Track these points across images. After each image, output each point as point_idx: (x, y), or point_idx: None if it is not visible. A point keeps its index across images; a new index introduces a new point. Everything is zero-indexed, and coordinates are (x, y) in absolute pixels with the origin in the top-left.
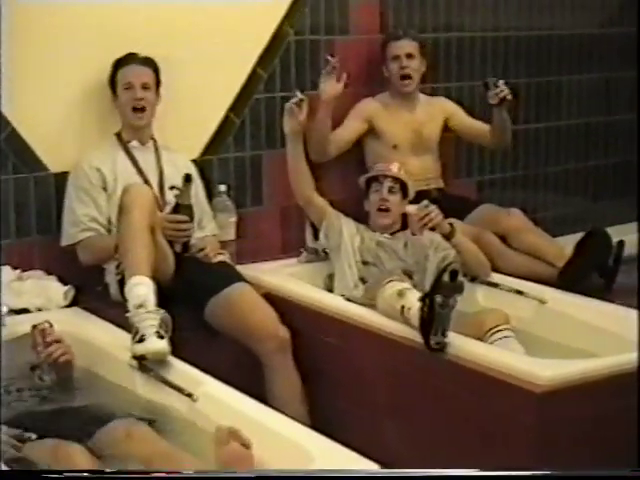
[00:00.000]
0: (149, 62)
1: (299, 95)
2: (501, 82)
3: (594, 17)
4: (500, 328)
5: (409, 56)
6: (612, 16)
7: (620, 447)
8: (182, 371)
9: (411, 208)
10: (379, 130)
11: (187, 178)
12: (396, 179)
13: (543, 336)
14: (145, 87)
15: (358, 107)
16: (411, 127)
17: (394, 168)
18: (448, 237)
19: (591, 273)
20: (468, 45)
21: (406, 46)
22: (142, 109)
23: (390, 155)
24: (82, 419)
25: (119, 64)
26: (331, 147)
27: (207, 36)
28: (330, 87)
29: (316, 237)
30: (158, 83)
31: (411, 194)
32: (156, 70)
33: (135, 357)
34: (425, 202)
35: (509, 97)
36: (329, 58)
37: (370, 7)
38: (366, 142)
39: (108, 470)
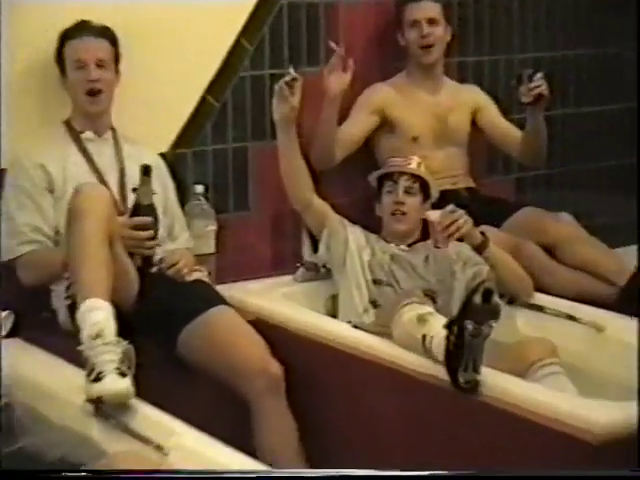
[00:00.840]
0: (105, 32)
1: (292, 73)
2: (538, 75)
3: None
4: (546, 362)
5: (431, 21)
6: None
7: None
8: (149, 418)
9: (433, 214)
10: (394, 121)
11: (145, 170)
12: (415, 177)
13: (600, 372)
14: (101, 64)
15: (367, 96)
16: (434, 113)
17: (412, 163)
18: (480, 249)
19: None
20: (504, 8)
21: (427, 9)
22: (98, 92)
23: (409, 149)
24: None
25: (67, 36)
26: (337, 150)
27: (179, 1)
28: (336, 81)
29: (315, 249)
30: (117, 59)
31: (434, 195)
32: (114, 42)
33: (90, 400)
34: (451, 206)
35: (546, 93)
36: (333, 46)
37: None
38: (378, 137)
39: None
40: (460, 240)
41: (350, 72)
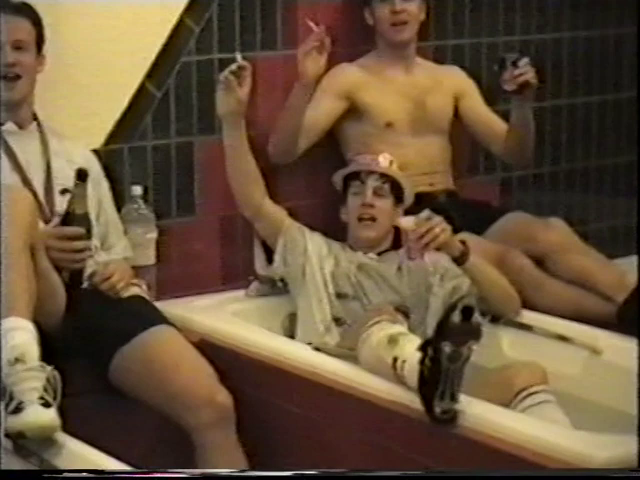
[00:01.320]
0: (25, 10)
1: (239, 60)
2: (524, 60)
3: None
4: (535, 389)
5: None
6: None
7: None
8: (78, 454)
9: (406, 221)
10: (364, 106)
11: (80, 175)
12: (386, 176)
13: (595, 400)
14: (19, 46)
15: (332, 77)
16: (410, 95)
17: (383, 161)
18: (459, 261)
19: None
20: None
21: None
22: (15, 77)
23: (382, 137)
24: None
25: None
26: (300, 141)
27: None
28: (312, 65)
29: (270, 261)
30: (40, 40)
31: (407, 198)
32: (37, 22)
33: (10, 435)
34: (426, 212)
35: (533, 81)
36: (312, 26)
37: None
38: (345, 125)
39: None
40: (438, 249)
41: (326, 55)
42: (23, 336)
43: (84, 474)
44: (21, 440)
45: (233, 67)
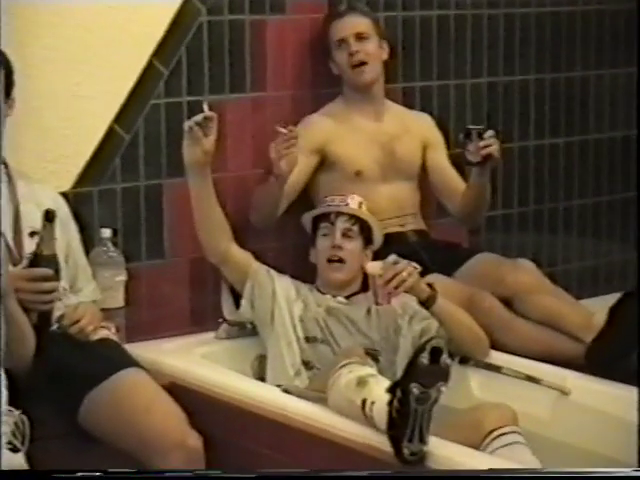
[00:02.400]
0: None
1: (206, 111)
2: (489, 132)
3: None
4: (504, 431)
5: (359, 37)
6: None
7: None
8: None
9: (373, 266)
10: (334, 157)
11: (48, 216)
12: (355, 217)
13: (564, 441)
14: None
15: (303, 135)
16: (379, 142)
17: (352, 202)
18: (427, 304)
19: (632, 350)
20: (455, 27)
21: (353, 24)
22: None
23: (351, 186)
24: None
25: None
26: (281, 206)
27: (82, 17)
28: (286, 164)
29: (238, 305)
30: (9, 85)
31: (377, 240)
32: (5, 66)
33: None
34: (393, 257)
35: (496, 154)
36: (281, 130)
37: None
38: (315, 175)
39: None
40: (405, 292)
41: (296, 148)
42: None
43: (84, 474)
44: None
45: (199, 118)
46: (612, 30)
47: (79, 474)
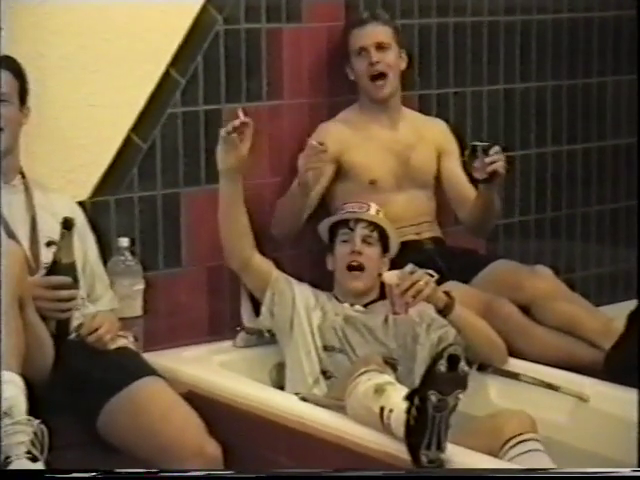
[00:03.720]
0: (7, 64)
1: (242, 117)
2: (495, 148)
3: None
4: (523, 438)
5: (380, 46)
6: None
7: None
8: None
9: (390, 276)
10: (349, 165)
11: (66, 224)
12: (373, 224)
13: (583, 447)
14: (1, 99)
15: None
16: (393, 151)
17: (371, 209)
18: (444, 312)
19: None
20: (471, 34)
21: (374, 33)
22: None
23: (366, 194)
24: None
25: None
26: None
27: (100, 26)
28: (314, 177)
29: (257, 313)
30: (24, 93)
31: (393, 247)
32: (18, 75)
33: None
34: (410, 267)
35: (502, 170)
36: (313, 143)
37: None
38: (331, 184)
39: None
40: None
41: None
42: (11, 390)
43: (84, 474)
44: None
45: (236, 123)
46: (614, 37)
47: (74, 474)
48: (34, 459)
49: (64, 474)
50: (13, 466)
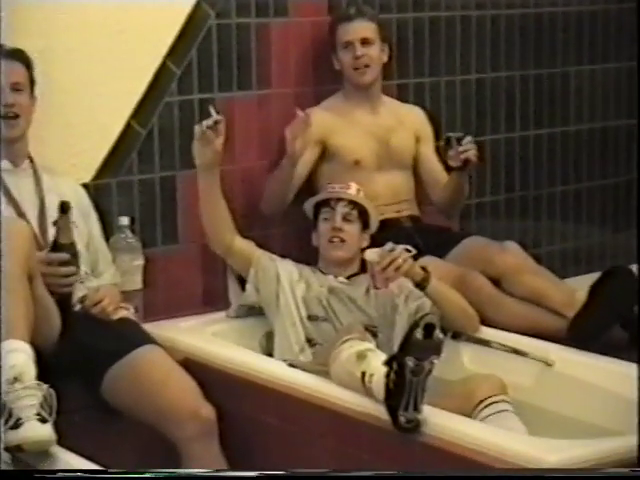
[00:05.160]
0: (19, 55)
1: (214, 115)
2: (467, 138)
3: None
4: (494, 400)
5: (365, 42)
6: None
7: None
8: (72, 466)
9: (371, 254)
10: (334, 148)
11: (63, 208)
12: (354, 203)
13: (549, 408)
14: (16, 88)
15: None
16: (375, 134)
17: (351, 189)
18: (421, 286)
19: (611, 324)
20: (445, 27)
21: (360, 29)
22: (14, 116)
23: (350, 174)
24: None
25: None
26: (289, 195)
27: (101, 20)
28: (300, 146)
29: (244, 289)
30: (32, 84)
31: (373, 224)
32: (29, 65)
33: (8, 448)
34: (389, 245)
35: (474, 158)
36: (299, 113)
37: None
38: (317, 165)
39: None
40: None
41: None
42: (21, 357)
43: (84, 474)
44: (19, 453)
45: (209, 122)
46: (577, 30)
47: (60, 474)
48: (43, 420)
49: (64, 474)
50: (24, 427)
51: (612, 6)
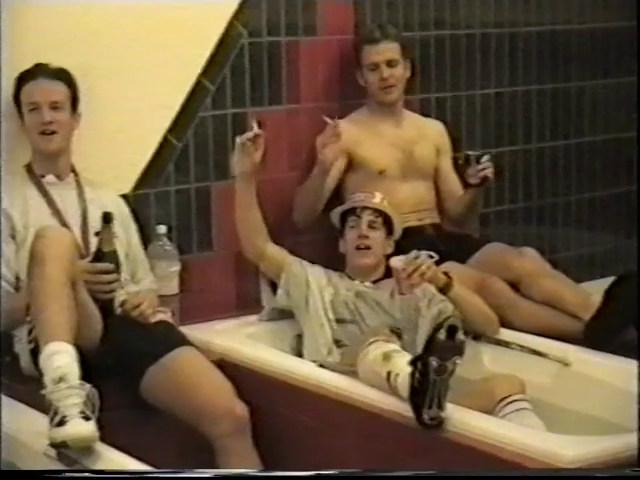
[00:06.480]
0: (61, 75)
1: (255, 129)
2: (486, 157)
3: (624, 8)
4: (513, 398)
5: (390, 63)
6: None
7: None
8: (114, 461)
9: (396, 261)
10: (360, 159)
11: (106, 218)
12: (378, 212)
13: (566, 406)
14: (55, 107)
15: None
16: (399, 145)
17: (375, 198)
18: (444, 291)
19: (625, 326)
20: (465, 45)
21: (385, 51)
22: (51, 133)
23: (375, 183)
24: None
25: (23, 79)
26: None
27: (140, 40)
28: (331, 154)
29: (275, 293)
30: (75, 100)
31: (397, 231)
32: (71, 84)
33: (53, 444)
34: (414, 252)
35: (491, 176)
36: (328, 121)
37: (342, 1)
38: (344, 175)
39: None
40: None
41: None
42: (65, 358)
43: (85, 474)
44: (64, 449)
45: (250, 134)
46: (591, 46)
47: (67, 474)
48: (87, 418)
49: (64, 474)
50: (69, 424)
51: (625, 23)
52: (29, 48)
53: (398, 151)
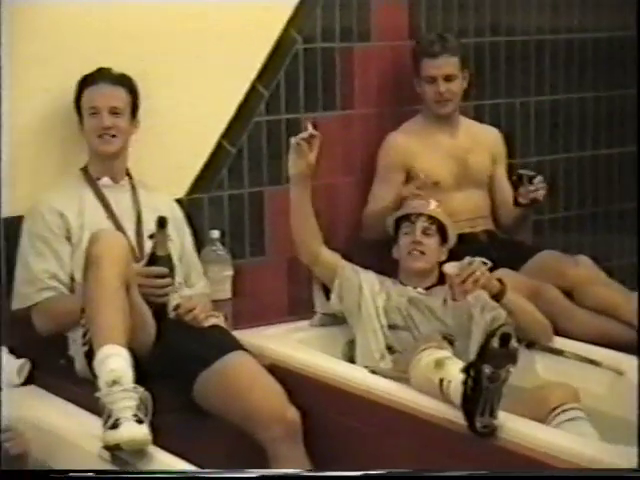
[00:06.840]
0: (123, 80)
1: (310, 130)
2: (539, 178)
3: None
4: (567, 407)
5: (448, 78)
6: None
7: None
8: (166, 464)
9: (451, 267)
10: (417, 171)
11: (161, 223)
12: (433, 218)
13: (621, 416)
14: (115, 112)
15: (388, 153)
16: (454, 156)
17: (430, 205)
18: (497, 298)
19: None
20: (520, 51)
21: (444, 65)
22: (110, 137)
23: (430, 193)
24: None
25: (85, 83)
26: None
27: (195, 46)
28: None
29: (328, 298)
30: (135, 107)
31: (451, 238)
32: (132, 91)
33: (107, 447)
34: (468, 259)
35: (542, 199)
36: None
37: (396, 6)
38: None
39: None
40: None
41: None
42: (119, 361)
43: (87, 474)
44: (117, 452)
45: (305, 135)
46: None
47: (72, 474)
48: (140, 421)
49: (64, 474)
50: (122, 427)
51: None
52: (89, 53)
53: (453, 162)
